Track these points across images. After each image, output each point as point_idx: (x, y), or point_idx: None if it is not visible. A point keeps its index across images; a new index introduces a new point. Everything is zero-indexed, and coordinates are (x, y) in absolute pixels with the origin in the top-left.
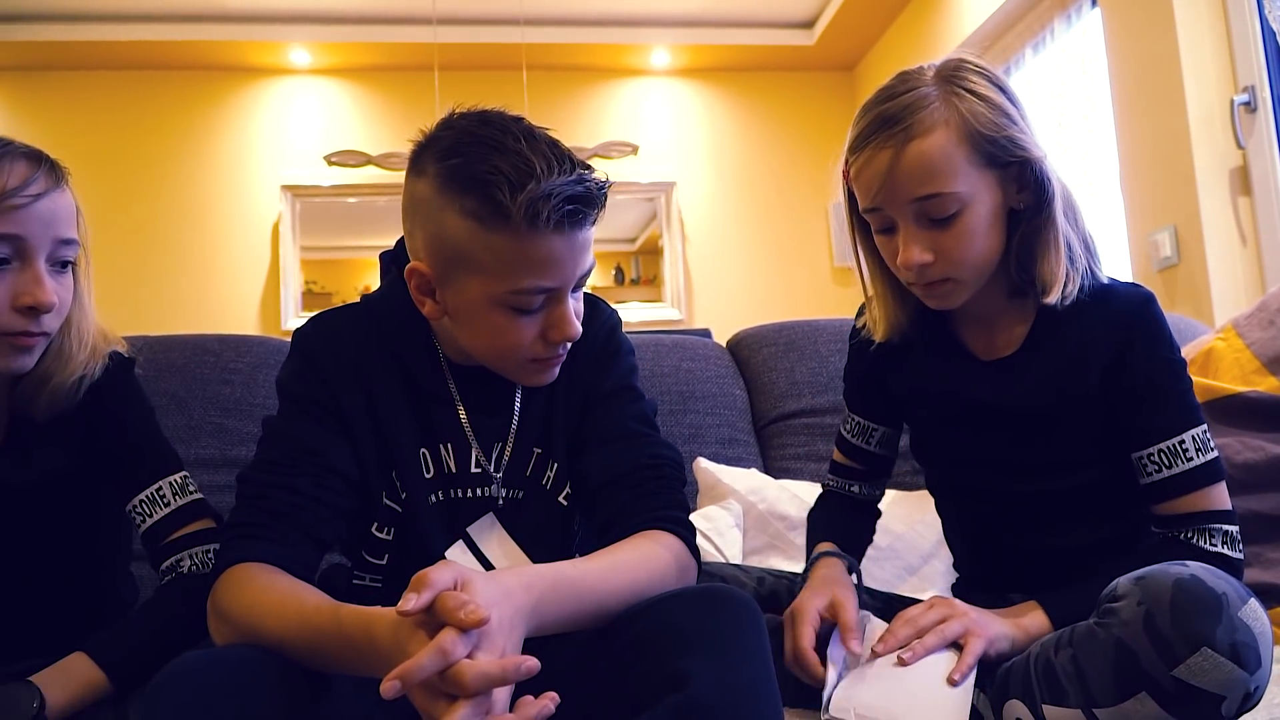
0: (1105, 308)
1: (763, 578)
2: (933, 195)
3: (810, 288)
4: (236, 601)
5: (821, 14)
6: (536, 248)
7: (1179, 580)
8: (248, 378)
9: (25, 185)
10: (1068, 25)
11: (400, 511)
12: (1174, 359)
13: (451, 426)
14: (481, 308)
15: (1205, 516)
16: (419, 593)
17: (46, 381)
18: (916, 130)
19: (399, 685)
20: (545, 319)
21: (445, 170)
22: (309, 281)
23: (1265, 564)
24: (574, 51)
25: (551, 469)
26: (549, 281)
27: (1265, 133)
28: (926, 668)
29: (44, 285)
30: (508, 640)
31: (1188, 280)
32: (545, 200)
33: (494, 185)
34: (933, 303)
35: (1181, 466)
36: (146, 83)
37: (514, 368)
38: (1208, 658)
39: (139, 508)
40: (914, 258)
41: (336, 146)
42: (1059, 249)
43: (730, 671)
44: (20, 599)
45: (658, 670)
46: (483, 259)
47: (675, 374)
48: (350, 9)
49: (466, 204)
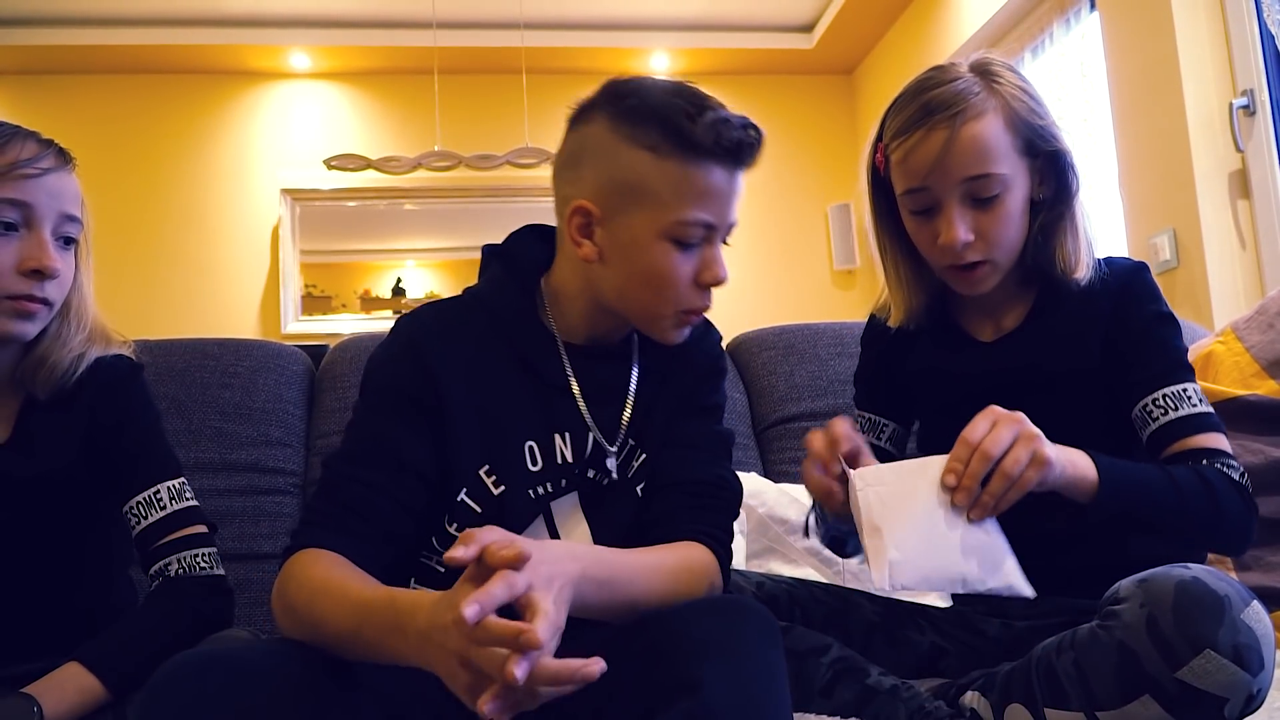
0: (1102, 279)
1: (762, 582)
2: (982, 175)
3: (810, 291)
4: (297, 586)
5: (821, 18)
6: (706, 175)
7: (1181, 582)
8: (247, 381)
9: (36, 159)
10: (1066, 29)
11: (480, 512)
12: (1169, 315)
13: (570, 415)
14: (645, 241)
15: (1219, 454)
16: (466, 545)
17: (45, 361)
18: (970, 114)
19: (479, 609)
20: (700, 260)
21: (621, 110)
22: (308, 285)
23: (1266, 568)
24: (574, 55)
25: (638, 459)
26: (711, 215)
27: (1264, 136)
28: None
29: (49, 251)
30: (556, 605)
31: (1187, 283)
32: (725, 124)
33: (674, 114)
34: (965, 287)
35: (1188, 410)
36: (146, 87)
37: (661, 315)
38: (1211, 660)
39: (135, 509)
40: (959, 235)
41: (336, 150)
42: (1080, 234)
43: (742, 681)
44: (19, 600)
45: (670, 676)
46: (656, 187)
47: None
48: (350, 13)
49: (644, 136)
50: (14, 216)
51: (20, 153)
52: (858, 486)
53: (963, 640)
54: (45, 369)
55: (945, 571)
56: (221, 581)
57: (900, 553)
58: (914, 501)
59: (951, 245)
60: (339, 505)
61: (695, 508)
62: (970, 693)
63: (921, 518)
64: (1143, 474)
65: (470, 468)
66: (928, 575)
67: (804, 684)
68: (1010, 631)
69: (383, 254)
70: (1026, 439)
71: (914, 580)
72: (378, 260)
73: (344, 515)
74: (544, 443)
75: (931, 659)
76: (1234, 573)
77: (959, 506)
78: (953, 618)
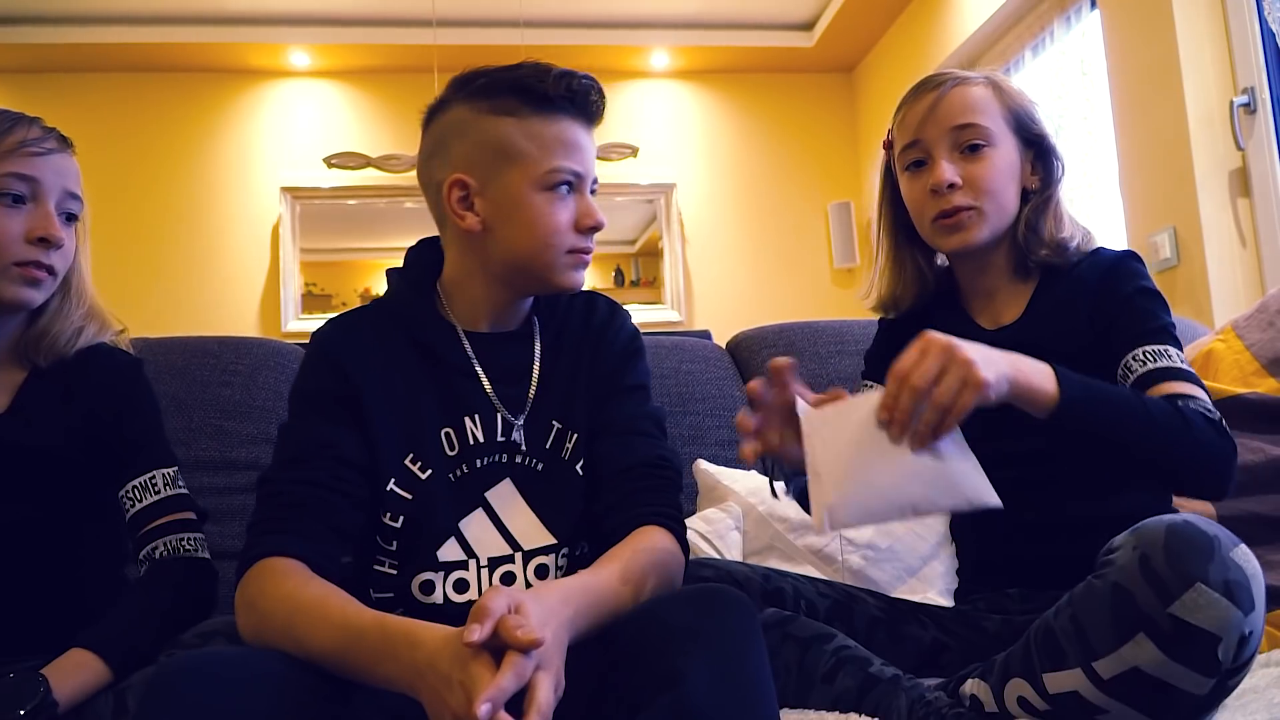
0: (1093, 264)
1: (768, 575)
2: (968, 125)
3: (810, 289)
4: (269, 597)
5: (821, 16)
6: (565, 128)
7: (1172, 525)
8: (247, 380)
9: (41, 139)
10: (1067, 27)
11: (410, 499)
12: (1154, 291)
13: (477, 397)
14: (522, 196)
15: (1197, 400)
16: (481, 622)
17: (48, 333)
18: (961, 82)
19: (491, 708)
20: (578, 209)
21: (473, 90)
22: (308, 283)
23: (1266, 566)
24: (573, 53)
25: (571, 440)
26: (577, 165)
27: (1265, 134)
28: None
29: (54, 222)
30: (560, 657)
31: (1187, 282)
32: (572, 77)
33: (525, 78)
34: (950, 238)
35: (1167, 363)
36: (146, 85)
37: (554, 262)
38: (1202, 593)
39: (131, 493)
40: (944, 175)
41: (336, 148)
42: (1062, 214)
43: (724, 671)
44: (18, 585)
45: (652, 671)
46: (523, 145)
47: (675, 375)
48: (350, 11)
49: (502, 104)
50: (23, 190)
51: (27, 133)
52: (805, 431)
53: (964, 637)
54: (48, 339)
55: (890, 502)
56: (206, 565)
57: (838, 494)
58: (852, 439)
59: (939, 185)
60: (286, 509)
61: (646, 489)
62: (970, 680)
63: (860, 454)
64: (1112, 392)
65: (395, 458)
66: (871, 510)
67: (807, 670)
68: (1010, 627)
69: (383, 252)
70: (958, 365)
71: (854, 518)
72: (378, 259)
73: (293, 518)
74: (457, 427)
75: (933, 654)
76: None
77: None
78: (954, 615)
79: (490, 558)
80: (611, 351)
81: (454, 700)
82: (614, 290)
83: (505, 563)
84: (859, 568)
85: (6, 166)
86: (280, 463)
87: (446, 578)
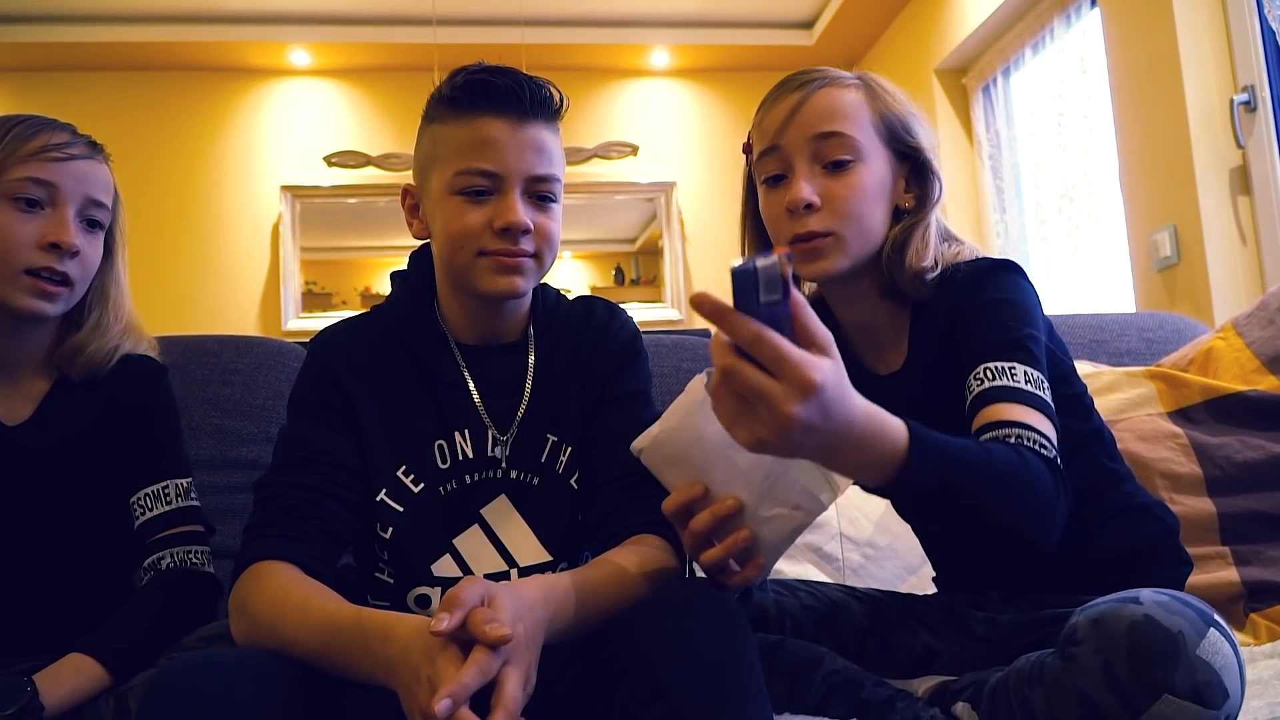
0: (964, 279)
1: (749, 593)
2: (833, 134)
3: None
4: (258, 599)
5: (821, 14)
6: (480, 128)
7: (1134, 624)
8: (248, 378)
9: (64, 145)
10: (1067, 25)
11: (401, 511)
12: (1008, 300)
13: (467, 412)
14: (440, 200)
15: (1030, 433)
16: (450, 612)
17: (84, 348)
18: (830, 83)
19: (450, 704)
20: (494, 209)
21: (424, 110)
22: (309, 282)
23: (1265, 562)
24: (574, 52)
25: (565, 453)
26: (490, 164)
27: (1265, 132)
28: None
29: (69, 228)
30: (532, 653)
31: (1188, 280)
32: (479, 83)
33: (443, 84)
34: (806, 266)
35: (1006, 382)
36: (146, 83)
37: (468, 265)
38: (1170, 704)
39: (142, 500)
40: (802, 194)
41: (336, 147)
42: (929, 240)
43: (712, 677)
44: (33, 586)
45: (640, 681)
46: (439, 150)
47: (675, 374)
48: (350, 10)
49: (429, 114)
50: (39, 194)
51: (50, 139)
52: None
53: (954, 640)
54: (84, 356)
55: None
56: (210, 578)
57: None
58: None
59: (795, 205)
60: (282, 513)
61: (640, 498)
62: (960, 704)
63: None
64: (966, 478)
65: (388, 469)
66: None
67: (796, 702)
68: (997, 630)
69: (383, 251)
70: (780, 436)
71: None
72: (378, 257)
73: (289, 522)
74: (449, 440)
75: (926, 659)
76: (1233, 567)
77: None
78: (940, 614)
79: (486, 574)
80: (609, 354)
81: (421, 694)
82: (614, 289)
83: (501, 579)
84: (859, 566)
85: (24, 170)
86: (276, 467)
87: (443, 593)
